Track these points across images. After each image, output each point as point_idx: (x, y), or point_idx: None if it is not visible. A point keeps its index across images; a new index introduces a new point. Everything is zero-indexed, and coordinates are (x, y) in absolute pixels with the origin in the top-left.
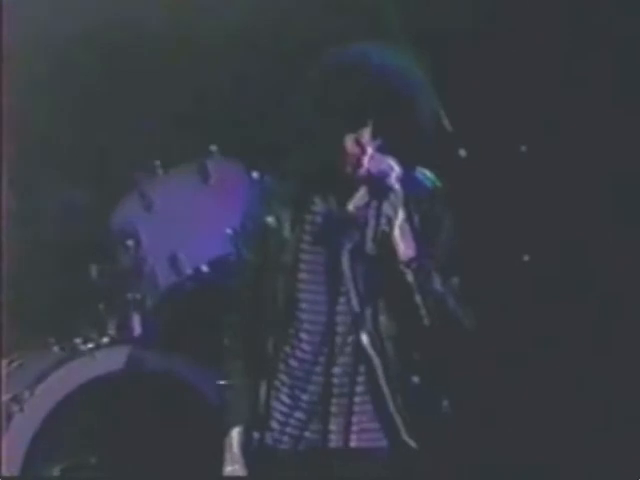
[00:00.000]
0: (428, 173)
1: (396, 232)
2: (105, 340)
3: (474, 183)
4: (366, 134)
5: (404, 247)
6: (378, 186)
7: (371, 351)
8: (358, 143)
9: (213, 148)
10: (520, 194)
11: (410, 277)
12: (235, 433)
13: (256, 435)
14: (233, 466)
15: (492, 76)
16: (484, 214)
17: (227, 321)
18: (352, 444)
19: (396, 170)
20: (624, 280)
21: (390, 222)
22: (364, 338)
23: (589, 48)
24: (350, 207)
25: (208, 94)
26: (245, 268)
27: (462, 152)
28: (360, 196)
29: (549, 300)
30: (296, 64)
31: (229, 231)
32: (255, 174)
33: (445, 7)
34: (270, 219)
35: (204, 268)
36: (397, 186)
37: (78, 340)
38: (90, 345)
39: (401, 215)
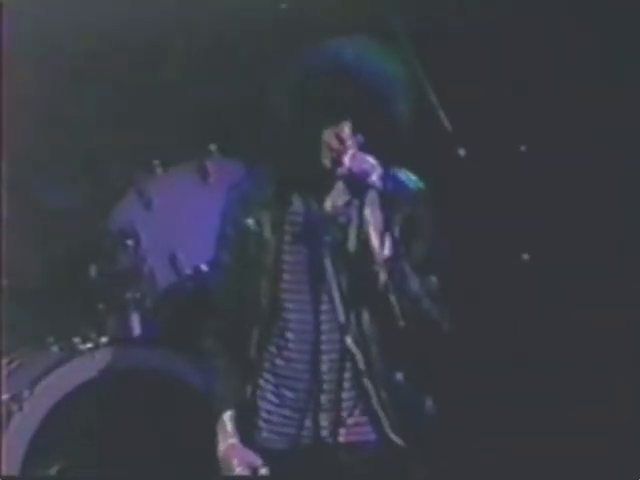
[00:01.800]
0: (411, 175)
1: (374, 231)
2: (104, 340)
3: (474, 183)
4: (346, 129)
5: (381, 247)
6: (359, 185)
7: (354, 348)
8: (338, 138)
9: (212, 148)
10: (519, 194)
11: (385, 277)
12: (227, 415)
13: (245, 434)
14: (227, 442)
15: (492, 76)
16: (483, 214)
17: (210, 325)
18: (342, 438)
19: (378, 169)
20: (624, 280)
21: (369, 221)
22: (347, 335)
23: (589, 48)
24: (330, 205)
25: (208, 94)
26: (227, 272)
27: (462, 152)
28: (341, 195)
29: (545, 300)
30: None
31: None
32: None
33: (445, 6)
34: (249, 221)
35: (203, 268)
36: (379, 185)
37: (77, 340)
38: (89, 345)
39: (380, 215)
